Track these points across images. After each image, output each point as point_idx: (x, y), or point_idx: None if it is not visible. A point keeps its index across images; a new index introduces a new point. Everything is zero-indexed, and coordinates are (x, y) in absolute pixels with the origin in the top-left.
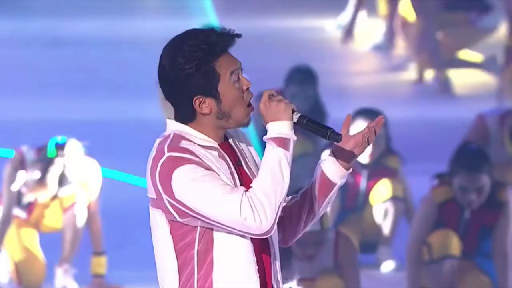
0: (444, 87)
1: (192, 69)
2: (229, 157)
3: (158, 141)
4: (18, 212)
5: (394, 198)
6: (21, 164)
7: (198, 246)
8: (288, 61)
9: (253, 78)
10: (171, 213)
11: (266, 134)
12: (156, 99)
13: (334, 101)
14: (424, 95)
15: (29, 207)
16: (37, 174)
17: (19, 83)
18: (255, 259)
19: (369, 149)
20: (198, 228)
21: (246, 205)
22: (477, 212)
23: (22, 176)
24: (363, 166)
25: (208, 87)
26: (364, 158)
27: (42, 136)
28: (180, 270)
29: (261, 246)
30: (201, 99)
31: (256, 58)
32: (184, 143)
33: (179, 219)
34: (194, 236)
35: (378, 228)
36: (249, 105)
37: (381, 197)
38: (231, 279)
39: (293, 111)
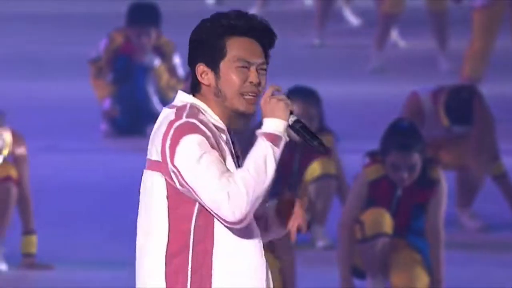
0: (378, 64)
1: (203, 37)
2: (232, 146)
3: (171, 110)
4: None
5: (326, 176)
6: None
7: (195, 221)
8: None
9: None
10: (172, 178)
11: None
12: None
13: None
14: (358, 73)
15: None
16: None
17: None
18: (260, 243)
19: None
20: (197, 203)
21: (226, 191)
22: (409, 190)
23: None
24: (296, 144)
25: (211, 59)
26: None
27: None
28: (171, 236)
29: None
30: (202, 67)
31: None
32: (201, 116)
33: (178, 186)
34: (192, 210)
35: (312, 207)
36: (248, 98)
37: (313, 176)
38: (236, 259)
39: (291, 113)
